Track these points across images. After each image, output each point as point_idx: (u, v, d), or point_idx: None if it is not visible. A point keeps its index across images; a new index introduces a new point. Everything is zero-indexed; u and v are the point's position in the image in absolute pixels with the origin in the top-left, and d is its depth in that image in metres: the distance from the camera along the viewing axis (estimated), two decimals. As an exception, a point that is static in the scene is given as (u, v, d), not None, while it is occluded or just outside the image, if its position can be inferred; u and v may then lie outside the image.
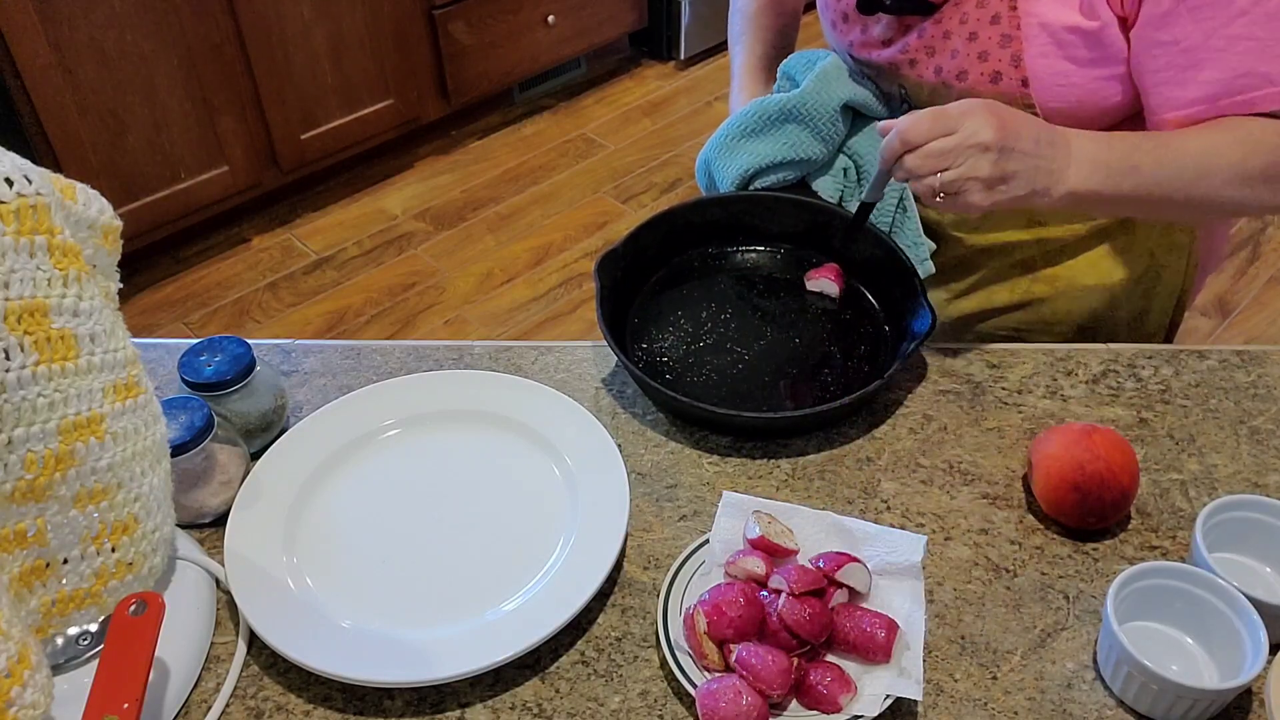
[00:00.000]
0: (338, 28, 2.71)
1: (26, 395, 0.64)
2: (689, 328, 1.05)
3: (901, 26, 1.01)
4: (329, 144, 2.83)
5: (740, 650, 0.72)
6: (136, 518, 0.73)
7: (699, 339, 1.04)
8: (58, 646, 0.75)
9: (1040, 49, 0.93)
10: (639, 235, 1.08)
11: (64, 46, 2.26)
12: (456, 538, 0.86)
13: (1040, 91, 0.94)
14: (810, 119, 1.06)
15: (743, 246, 1.13)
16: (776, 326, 1.05)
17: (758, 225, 1.12)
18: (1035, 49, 0.93)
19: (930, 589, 0.81)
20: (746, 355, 1.02)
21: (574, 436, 0.91)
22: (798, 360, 1.01)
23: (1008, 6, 0.93)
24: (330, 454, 0.92)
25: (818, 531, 0.82)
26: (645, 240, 1.09)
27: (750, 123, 1.08)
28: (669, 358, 1.02)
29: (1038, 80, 0.94)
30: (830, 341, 1.03)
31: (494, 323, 2.58)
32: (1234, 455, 0.91)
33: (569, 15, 3.18)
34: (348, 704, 0.76)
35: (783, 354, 1.02)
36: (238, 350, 0.92)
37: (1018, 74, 0.94)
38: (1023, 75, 0.94)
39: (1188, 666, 0.74)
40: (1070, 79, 0.93)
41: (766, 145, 1.08)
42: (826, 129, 1.06)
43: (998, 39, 0.94)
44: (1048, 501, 0.84)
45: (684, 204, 1.11)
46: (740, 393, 0.98)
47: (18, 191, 0.62)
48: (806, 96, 1.06)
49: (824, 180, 1.10)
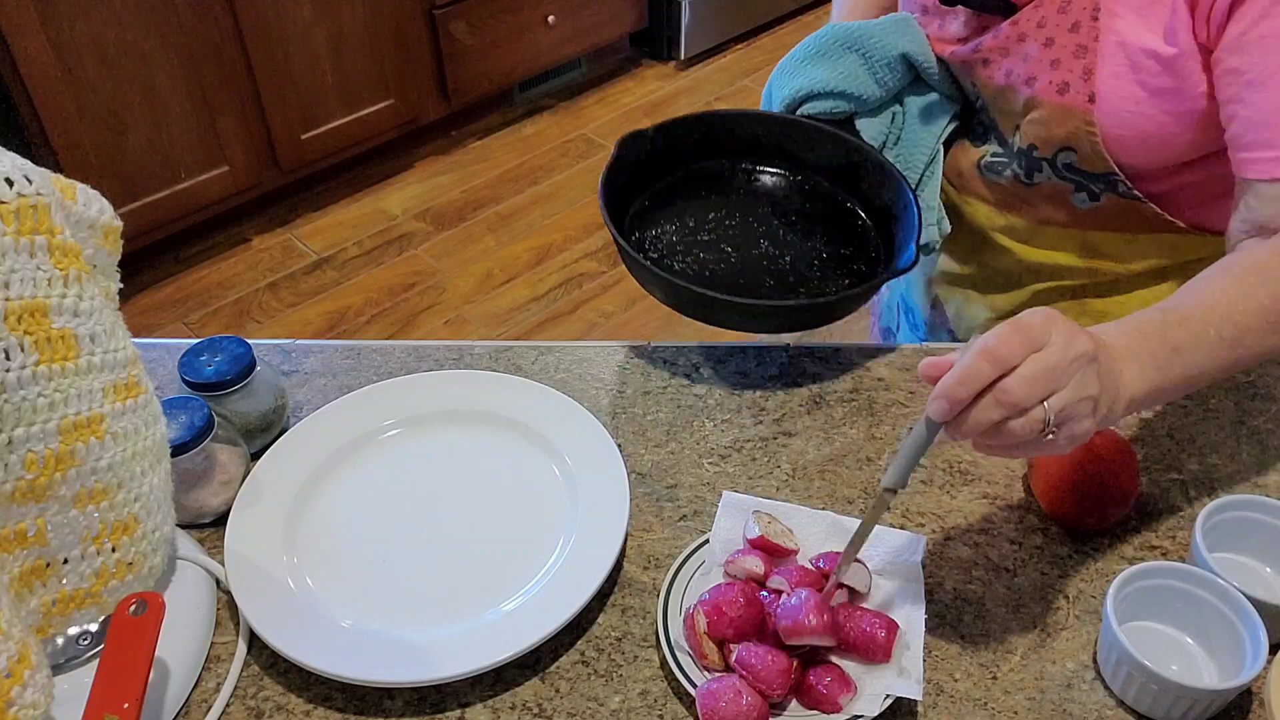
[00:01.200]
0: (338, 28, 2.71)
1: (26, 395, 0.64)
2: (690, 224, 1.06)
3: (979, 25, 0.99)
4: (329, 144, 2.83)
5: (740, 650, 0.72)
6: (137, 518, 0.73)
7: (695, 234, 1.05)
8: (58, 646, 0.75)
9: (1114, 68, 0.89)
10: (671, 128, 1.07)
11: (64, 46, 2.26)
12: (456, 538, 0.86)
13: (1105, 113, 0.91)
14: (870, 54, 1.04)
15: (773, 168, 1.13)
16: (774, 242, 1.06)
17: (794, 152, 1.11)
18: (1109, 67, 0.89)
19: (930, 589, 0.81)
20: (734, 256, 1.03)
21: (574, 436, 0.91)
22: (784, 269, 1.03)
23: (1089, 16, 0.89)
24: (330, 454, 0.92)
25: (818, 531, 0.82)
26: (677, 134, 1.08)
27: (816, 45, 1.06)
28: (661, 243, 1.03)
29: (1105, 100, 0.90)
30: (820, 257, 1.04)
31: (494, 323, 2.58)
32: (1234, 455, 0.91)
33: (569, 15, 3.18)
34: (348, 704, 0.76)
35: (772, 263, 1.04)
36: (238, 350, 0.92)
37: (1086, 88, 0.91)
38: (1091, 91, 0.91)
39: (1188, 666, 0.74)
40: (1140, 107, 0.89)
41: (823, 71, 1.06)
42: (882, 71, 1.04)
43: (1073, 48, 0.91)
44: (1048, 501, 0.84)
45: (725, 111, 1.11)
46: (721, 284, 1.00)
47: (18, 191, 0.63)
48: (871, 31, 1.04)
49: (869, 122, 1.08)
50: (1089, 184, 0.97)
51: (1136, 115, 0.90)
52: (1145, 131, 0.90)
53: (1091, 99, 0.91)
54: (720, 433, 0.95)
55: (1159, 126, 0.90)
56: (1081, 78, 0.91)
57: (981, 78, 1.01)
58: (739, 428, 0.96)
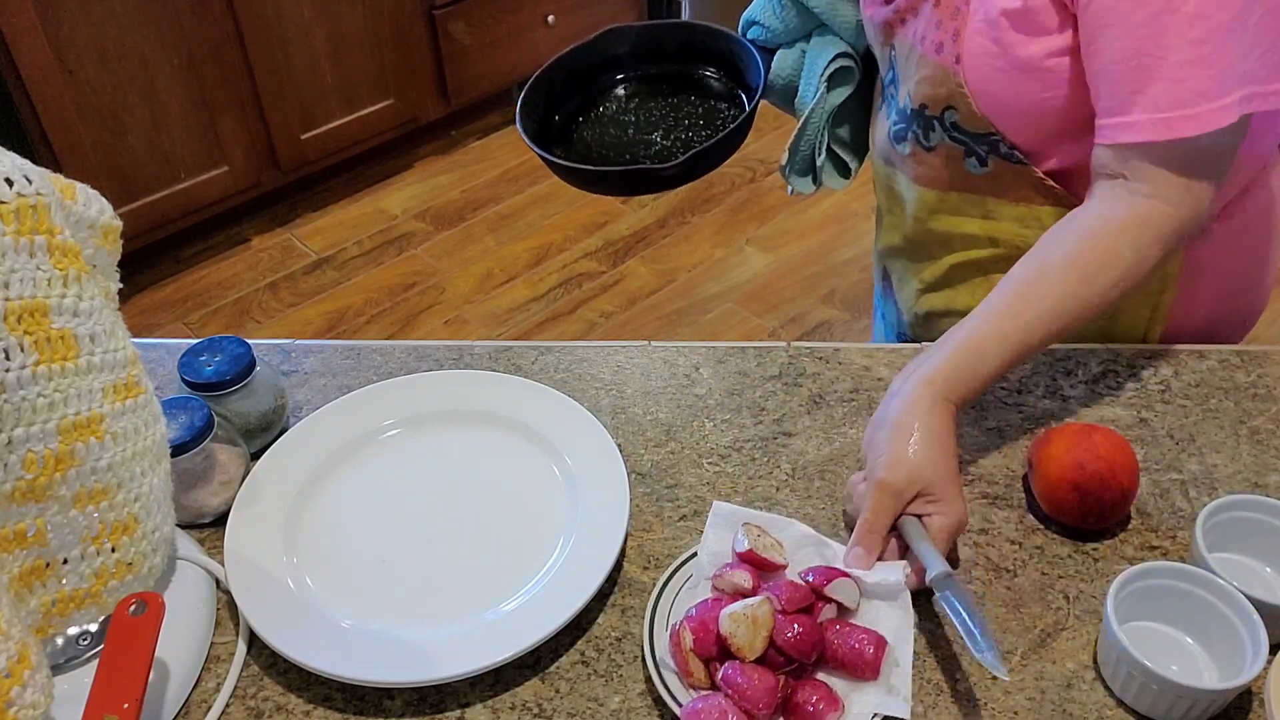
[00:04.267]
0: (338, 28, 2.71)
1: (26, 395, 0.64)
2: (613, 112, 1.18)
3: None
4: (329, 144, 2.83)
5: (726, 668, 0.71)
6: (136, 518, 0.73)
7: (613, 118, 1.17)
8: (58, 646, 0.75)
9: (977, 26, 0.90)
10: (607, 36, 1.18)
11: (64, 46, 2.26)
12: (456, 538, 0.86)
13: (970, 72, 0.92)
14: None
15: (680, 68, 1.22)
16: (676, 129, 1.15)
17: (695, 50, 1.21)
18: (973, 25, 0.91)
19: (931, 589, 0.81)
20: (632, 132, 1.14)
21: (574, 436, 0.91)
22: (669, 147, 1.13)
23: None
24: (330, 454, 0.92)
25: (805, 546, 0.81)
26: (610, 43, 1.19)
27: None
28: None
29: (969, 59, 0.92)
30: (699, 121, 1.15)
31: (494, 323, 2.58)
32: (1234, 455, 0.91)
33: (569, 15, 3.18)
34: (348, 704, 0.76)
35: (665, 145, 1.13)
36: (238, 350, 0.92)
37: (954, 49, 0.92)
38: (958, 52, 0.92)
39: (1188, 666, 0.74)
40: (997, 63, 0.90)
41: (759, 3, 1.14)
42: (782, 8, 1.11)
43: (951, 9, 0.92)
44: (1048, 501, 0.84)
45: (642, 24, 1.22)
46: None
47: (18, 191, 0.63)
48: None
49: (783, 53, 1.15)
50: (975, 147, 0.97)
51: (993, 71, 0.91)
52: (1005, 89, 0.92)
53: (958, 59, 0.92)
54: (720, 433, 0.95)
55: (1015, 83, 0.91)
56: (952, 38, 0.92)
57: (898, 38, 1.02)
58: (739, 428, 0.96)
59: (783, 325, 2.52)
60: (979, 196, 1.01)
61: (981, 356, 0.84)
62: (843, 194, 1.07)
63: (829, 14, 1.10)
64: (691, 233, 2.83)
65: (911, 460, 0.79)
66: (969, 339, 0.85)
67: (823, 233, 2.80)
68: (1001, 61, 0.90)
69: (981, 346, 0.84)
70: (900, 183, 1.10)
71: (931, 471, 0.79)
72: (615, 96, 1.19)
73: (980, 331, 0.85)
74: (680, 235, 2.83)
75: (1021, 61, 0.89)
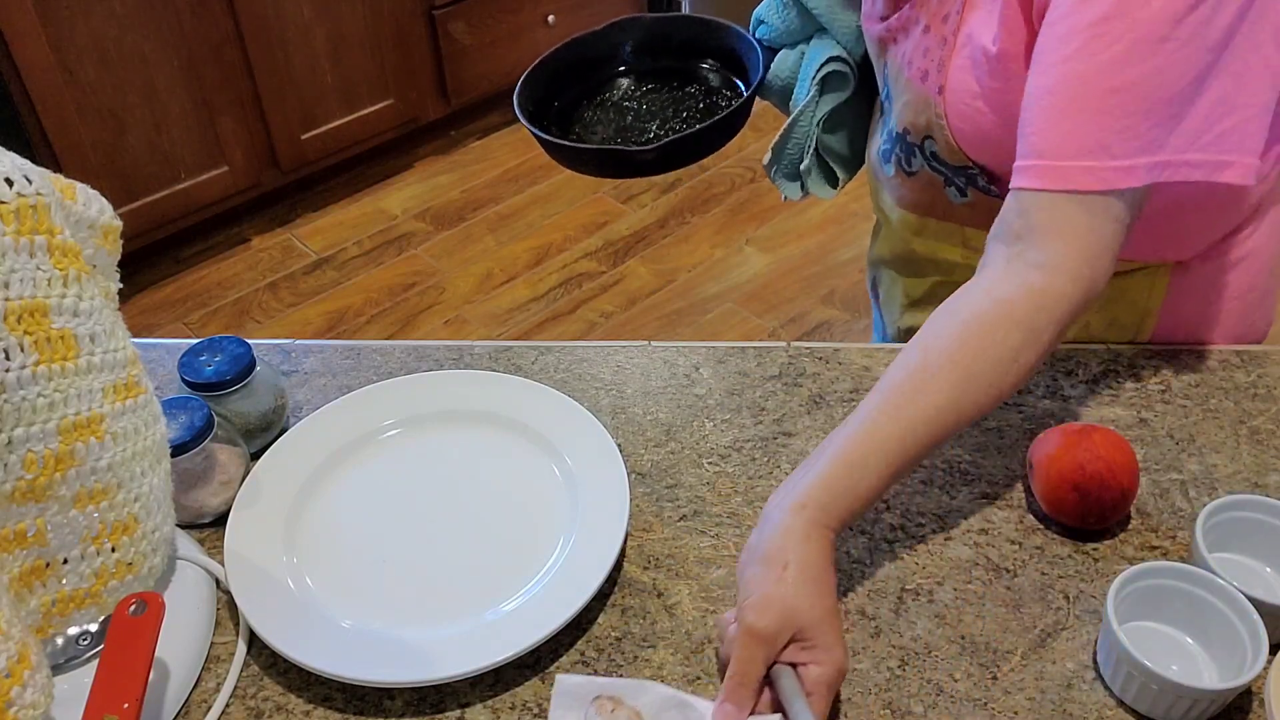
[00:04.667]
0: (338, 28, 2.71)
1: (26, 395, 0.64)
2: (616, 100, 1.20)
3: (895, 3, 0.99)
4: (329, 144, 2.83)
5: None
6: (136, 518, 0.73)
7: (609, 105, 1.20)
8: (58, 646, 0.75)
9: (960, 61, 0.89)
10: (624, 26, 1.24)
11: (64, 46, 2.27)
12: (456, 538, 0.86)
13: (950, 105, 0.90)
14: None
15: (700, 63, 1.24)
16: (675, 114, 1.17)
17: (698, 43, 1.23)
18: (958, 60, 0.89)
19: (930, 589, 0.81)
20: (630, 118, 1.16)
21: (574, 436, 0.91)
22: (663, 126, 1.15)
23: (956, 9, 0.89)
24: (330, 454, 0.92)
25: (668, 710, 0.71)
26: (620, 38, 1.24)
27: None
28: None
29: (950, 93, 0.90)
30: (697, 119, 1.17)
31: (494, 323, 2.58)
32: (1234, 455, 0.91)
33: (569, 15, 3.18)
34: (348, 704, 0.76)
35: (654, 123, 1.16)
36: (238, 350, 0.92)
37: (938, 79, 0.91)
38: (941, 82, 0.90)
39: (1188, 666, 0.74)
40: (975, 102, 0.88)
41: (767, 2, 1.15)
42: (782, 8, 1.11)
43: (939, 38, 0.91)
44: (1048, 501, 0.84)
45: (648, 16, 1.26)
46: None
47: (18, 191, 0.63)
48: None
49: (784, 53, 1.15)
50: (954, 178, 0.97)
51: (972, 110, 0.89)
52: (982, 129, 0.89)
53: (941, 90, 0.91)
54: (720, 433, 0.95)
55: (993, 125, 0.88)
56: (937, 68, 0.91)
57: (891, 56, 1.01)
58: (739, 428, 0.96)
59: (783, 325, 2.52)
60: (958, 225, 1.01)
61: (861, 467, 0.74)
62: (843, 195, 1.06)
63: (828, 17, 1.10)
64: (691, 233, 2.84)
65: (783, 602, 0.70)
66: (845, 449, 0.75)
67: (822, 233, 2.80)
68: (980, 102, 0.88)
69: (861, 456, 0.75)
70: (885, 203, 1.10)
71: (808, 614, 0.70)
72: (623, 84, 1.23)
73: (857, 437, 0.76)
74: (680, 235, 2.83)
75: (998, 103, 0.87)
